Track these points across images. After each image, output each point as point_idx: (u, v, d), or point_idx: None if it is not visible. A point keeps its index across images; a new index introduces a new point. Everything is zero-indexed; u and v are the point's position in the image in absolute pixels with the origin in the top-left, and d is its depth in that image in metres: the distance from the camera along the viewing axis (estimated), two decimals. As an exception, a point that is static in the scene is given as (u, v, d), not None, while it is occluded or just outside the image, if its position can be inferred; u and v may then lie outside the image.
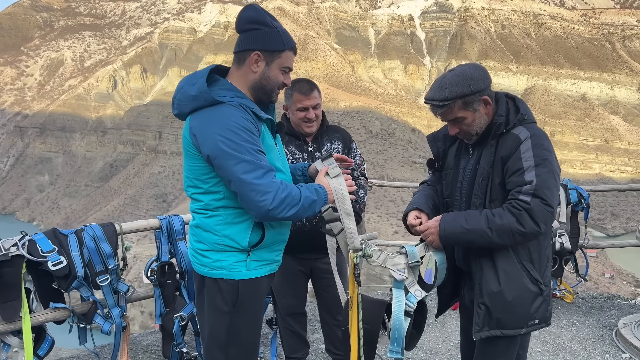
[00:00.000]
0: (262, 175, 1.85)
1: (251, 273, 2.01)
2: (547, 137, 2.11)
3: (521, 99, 2.24)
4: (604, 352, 3.91)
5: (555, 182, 2.06)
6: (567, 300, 4.82)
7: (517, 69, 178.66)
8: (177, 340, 3.04)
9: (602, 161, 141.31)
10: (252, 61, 1.96)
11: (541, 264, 2.14)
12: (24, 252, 2.63)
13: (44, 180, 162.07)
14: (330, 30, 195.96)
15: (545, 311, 2.18)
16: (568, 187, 4.55)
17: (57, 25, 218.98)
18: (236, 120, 1.86)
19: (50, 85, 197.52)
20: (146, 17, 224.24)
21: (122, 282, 2.96)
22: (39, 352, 2.78)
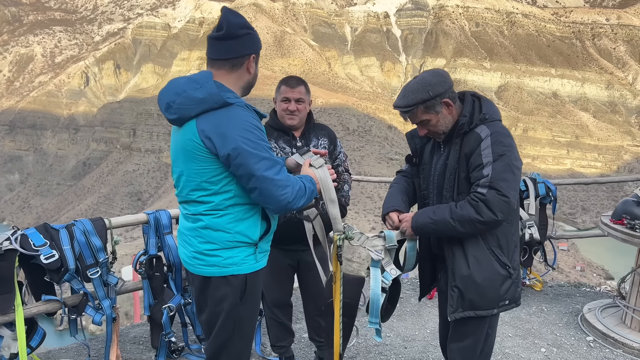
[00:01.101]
0: (280, 171, 1.98)
1: (257, 265, 2.13)
2: (508, 134, 2.28)
3: (487, 98, 2.40)
4: (569, 335, 4.15)
5: (513, 174, 2.20)
6: (537, 288, 5.06)
7: (491, 67, 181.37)
8: (166, 330, 3.15)
9: (573, 157, 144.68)
10: (250, 64, 2.08)
11: (509, 250, 2.33)
12: (16, 246, 2.70)
13: (14, 179, 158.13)
14: (307, 26, 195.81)
15: (515, 292, 2.37)
16: (537, 180, 4.77)
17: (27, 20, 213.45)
18: (249, 120, 1.95)
19: (20, 82, 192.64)
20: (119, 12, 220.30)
21: (112, 275, 3.05)
22: (31, 343, 2.87)
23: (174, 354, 3.42)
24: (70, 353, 3.47)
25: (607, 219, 4.10)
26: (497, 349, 3.86)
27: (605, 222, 4.07)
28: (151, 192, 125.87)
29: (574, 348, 3.93)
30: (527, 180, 4.79)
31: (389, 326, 4.21)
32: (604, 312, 4.33)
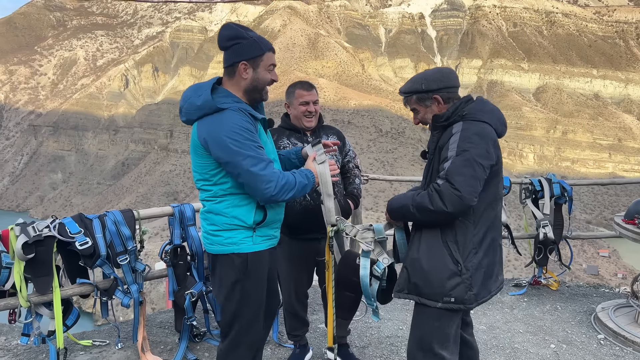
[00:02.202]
0: (265, 167, 2.24)
1: (256, 247, 2.41)
2: (481, 133, 2.32)
3: (484, 100, 2.50)
4: (581, 333, 4.21)
5: (472, 170, 2.25)
6: (553, 287, 5.11)
7: (528, 68, 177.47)
8: (188, 314, 3.40)
9: (615, 160, 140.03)
10: (241, 71, 2.34)
11: (465, 249, 2.36)
12: (55, 232, 2.99)
13: (57, 178, 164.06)
14: (341, 28, 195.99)
15: (464, 293, 2.35)
16: (552, 181, 4.84)
17: (70, 24, 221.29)
18: (238, 122, 2.24)
19: (64, 84, 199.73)
20: (158, 17, 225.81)
21: (139, 262, 3.33)
22: (67, 322, 3.16)
23: (196, 338, 3.68)
24: (102, 334, 3.77)
25: (620, 219, 4.14)
26: (506, 344, 3.97)
27: (617, 222, 4.12)
28: (187, 192, 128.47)
29: (584, 345, 3.99)
30: (542, 180, 4.86)
31: (402, 319, 4.36)
32: (618, 311, 4.37)
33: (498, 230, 2.51)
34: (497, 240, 2.51)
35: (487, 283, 2.45)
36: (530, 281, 5.11)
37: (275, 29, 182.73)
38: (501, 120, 2.45)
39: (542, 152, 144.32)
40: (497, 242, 2.51)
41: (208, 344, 3.68)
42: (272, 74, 2.42)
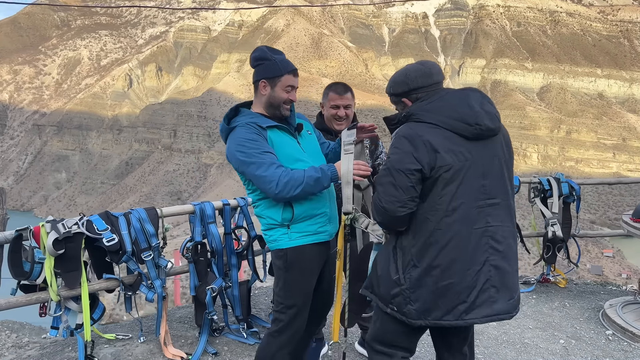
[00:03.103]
0: (267, 169, 2.46)
1: (294, 242, 2.61)
2: (410, 135, 2.14)
3: (443, 94, 2.26)
4: (589, 329, 4.30)
5: (390, 178, 2.14)
6: (561, 285, 5.21)
7: (532, 67, 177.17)
8: (209, 308, 3.51)
9: (619, 160, 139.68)
10: (261, 87, 2.65)
11: (404, 261, 2.21)
12: (83, 229, 3.11)
13: (61, 177, 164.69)
14: (344, 28, 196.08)
15: (403, 305, 2.21)
16: (560, 180, 4.93)
17: (74, 24, 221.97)
18: (242, 135, 2.54)
19: (68, 84, 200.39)
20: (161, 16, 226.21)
21: (162, 258, 3.44)
22: (94, 315, 3.28)
23: (215, 332, 3.79)
24: (125, 329, 3.89)
25: (628, 218, 4.24)
26: (516, 339, 4.06)
27: (625, 221, 4.21)
28: (190, 192, 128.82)
29: (593, 340, 4.09)
30: (550, 179, 4.95)
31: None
32: (625, 308, 4.46)
33: (472, 247, 2.14)
34: (467, 258, 2.14)
35: (447, 303, 2.16)
36: (539, 279, 5.21)
37: (279, 28, 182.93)
38: (455, 116, 2.14)
39: (546, 152, 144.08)
40: (469, 261, 2.14)
41: (227, 338, 3.78)
42: (291, 95, 2.65)
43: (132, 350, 3.51)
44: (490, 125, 2.16)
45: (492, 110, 2.20)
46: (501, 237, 2.19)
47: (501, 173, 2.20)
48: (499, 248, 2.18)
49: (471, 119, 2.13)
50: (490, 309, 2.18)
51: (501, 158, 2.21)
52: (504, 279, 2.21)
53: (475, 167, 2.13)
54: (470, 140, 2.14)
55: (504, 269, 2.20)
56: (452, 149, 2.11)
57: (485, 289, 2.16)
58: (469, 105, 2.16)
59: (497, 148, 2.20)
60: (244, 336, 3.77)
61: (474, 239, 2.14)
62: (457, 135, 2.12)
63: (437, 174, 2.10)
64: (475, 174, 2.13)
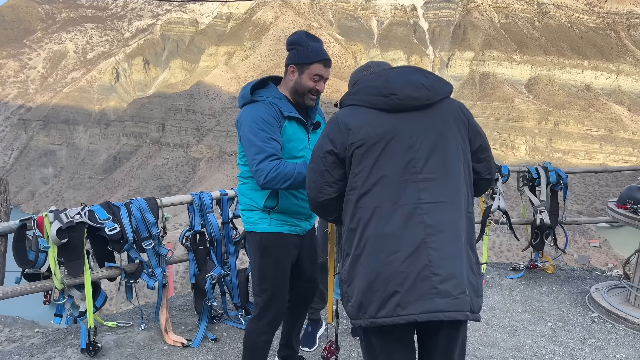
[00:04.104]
0: (263, 159, 2.44)
1: (272, 228, 2.63)
2: (330, 120, 2.06)
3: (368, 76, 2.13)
4: (576, 312, 4.45)
5: (311, 164, 2.06)
6: (549, 271, 5.36)
7: (520, 59, 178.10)
8: (208, 295, 3.61)
9: (606, 151, 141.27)
10: (289, 72, 2.62)
11: (342, 251, 2.03)
12: (85, 219, 3.18)
13: (48, 172, 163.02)
14: (333, 20, 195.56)
15: (346, 304, 1.96)
16: (548, 169, 5.07)
17: (59, 17, 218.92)
18: (260, 113, 2.51)
19: (53, 78, 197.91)
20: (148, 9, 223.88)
21: (163, 247, 3.52)
22: (96, 303, 3.36)
23: (214, 319, 3.88)
24: (125, 317, 3.97)
25: (613, 204, 4.38)
26: (506, 323, 4.20)
27: (610, 207, 4.36)
28: (179, 186, 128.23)
29: (579, 323, 4.24)
30: (539, 168, 5.09)
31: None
32: (611, 292, 4.62)
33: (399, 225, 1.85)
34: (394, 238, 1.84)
35: (378, 294, 1.83)
36: (528, 265, 5.36)
37: (267, 21, 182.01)
38: (371, 91, 1.99)
39: (533, 144, 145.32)
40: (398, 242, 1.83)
41: (226, 324, 3.88)
42: (318, 84, 2.59)
43: (134, 337, 3.59)
44: (413, 93, 1.93)
45: (419, 80, 1.97)
46: (441, 215, 1.87)
47: (443, 148, 1.93)
48: (439, 228, 1.85)
49: (386, 89, 1.95)
50: (431, 303, 1.79)
51: (444, 131, 1.95)
52: (452, 267, 1.83)
53: (399, 140, 1.91)
54: (392, 112, 1.95)
55: (451, 255, 1.84)
56: (366, 123, 1.94)
57: (425, 277, 1.79)
58: (386, 79, 1.99)
59: (436, 121, 1.96)
60: (242, 322, 3.86)
61: (400, 216, 1.85)
62: (376, 110, 1.96)
63: (349, 152, 1.95)
64: (400, 146, 1.91)
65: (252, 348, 2.73)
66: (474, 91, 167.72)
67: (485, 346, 3.80)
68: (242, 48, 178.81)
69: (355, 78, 2.27)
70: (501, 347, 3.80)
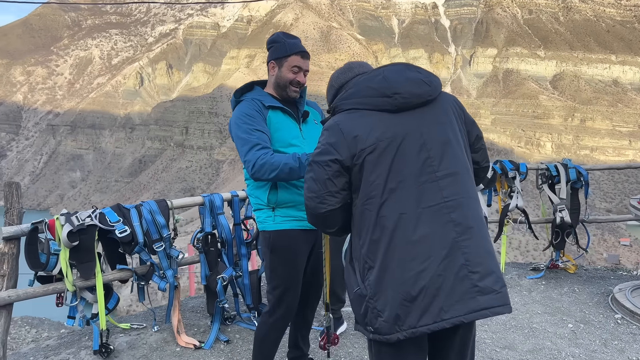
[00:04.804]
0: (249, 149, 2.52)
1: (277, 226, 2.65)
2: (329, 126, 1.94)
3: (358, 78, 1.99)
4: (598, 313, 4.31)
5: (311, 173, 1.94)
6: (570, 271, 5.21)
7: (545, 55, 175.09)
8: (220, 297, 3.59)
9: (635, 147, 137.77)
10: (270, 68, 2.73)
11: (360, 267, 1.89)
12: (96, 221, 3.20)
13: (76, 176, 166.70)
14: (353, 20, 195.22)
15: (374, 321, 1.82)
16: (568, 166, 4.93)
17: (85, 24, 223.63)
18: (243, 110, 2.62)
19: (80, 84, 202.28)
20: (170, 14, 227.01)
21: (174, 249, 3.53)
22: (108, 305, 3.38)
23: (227, 321, 3.87)
24: (139, 318, 3.99)
25: (636, 202, 4.24)
26: (524, 324, 4.10)
27: (633, 204, 4.22)
28: (203, 188, 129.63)
29: (601, 324, 4.10)
30: (558, 165, 4.96)
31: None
32: (635, 292, 4.46)
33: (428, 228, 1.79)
34: (425, 242, 1.78)
35: (418, 302, 1.75)
36: (548, 265, 5.22)
37: (288, 22, 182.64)
38: (371, 93, 1.90)
39: (560, 141, 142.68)
40: (430, 245, 1.77)
41: (238, 326, 3.87)
42: (298, 76, 2.67)
43: (147, 339, 3.61)
44: (416, 90, 1.88)
45: (417, 76, 1.92)
46: (466, 211, 1.83)
47: (451, 142, 1.90)
48: (466, 225, 1.81)
49: (388, 89, 1.88)
50: (475, 302, 1.76)
51: (448, 125, 1.92)
52: (489, 262, 1.81)
53: (410, 140, 1.84)
54: (398, 112, 1.88)
55: (484, 250, 1.82)
56: (373, 127, 1.85)
57: (463, 277, 1.76)
58: (383, 77, 1.91)
59: (440, 116, 1.92)
60: (255, 324, 3.84)
61: (427, 218, 1.79)
62: (379, 112, 1.88)
63: (360, 159, 1.84)
64: (413, 146, 1.84)
65: (262, 342, 2.77)
66: (497, 88, 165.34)
67: (502, 348, 3.70)
68: (264, 50, 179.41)
69: (339, 81, 2.11)
70: (519, 349, 3.70)
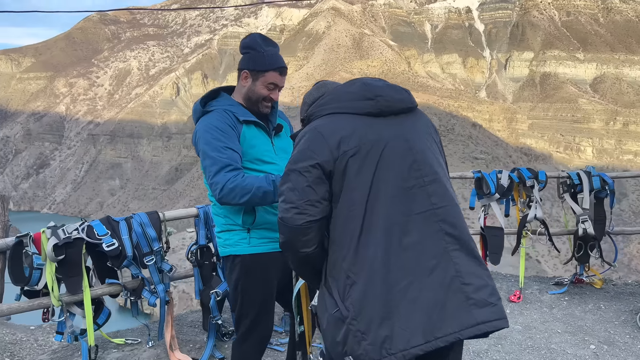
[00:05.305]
0: (218, 170, 2.26)
1: (253, 249, 2.41)
2: (309, 130, 1.80)
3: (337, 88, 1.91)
4: (624, 333, 3.99)
5: (287, 183, 1.75)
6: (596, 286, 4.87)
7: (584, 57, 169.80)
8: (213, 313, 3.46)
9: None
10: (242, 78, 2.45)
11: (340, 282, 1.66)
12: (83, 235, 3.13)
13: (115, 184, 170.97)
14: (385, 27, 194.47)
15: (357, 346, 1.58)
16: (591, 174, 4.61)
17: (124, 36, 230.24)
18: (213, 122, 2.34)
19: (119, 94, 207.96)
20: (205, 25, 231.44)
21: (165, 263, 3.43)
22: (98, 320, 3.30)
23: (224, 337, 3.74)
24: (135, 333, 3.91)
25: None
26: (542, 344, 3.81)
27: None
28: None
29: (627, 346, 3.78)
30: (580, 173, 4.65)
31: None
32: (666, 310, 4.11)
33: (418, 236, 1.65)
34: (416, 251, 1.63)
35: (408, 319, 1.57)
36: (572, 279, 4.90)
37: (320, 31, 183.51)
38: (352, 97, 1.80)
39: (601, 146, 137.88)
40: (420, 255, 1.63)
41: (236, 342, 3.73)
42: (273, 93, 2.43)
43: (140, 355, 3.51)
44: (397, 95, 1.81)
45: (395, 86, 1.86)
46: (454, 219, 1.71)
47: (431, 149, 1.82)
48: (455, 234, 1.68)
49: (370, 93, 1.79)
50: (470, 316, 1.59)
51: (429, 136, 1.85)
52: (481, 274, 1.68)
53: (395, 143, 1.74)
54: (379, 117, 1.77)
55: (475, 261, 1.69)
56: (356, 129, 1.73)
57: (456, 289, 1.61)
58: (363, 83, 1.84)
59: (421, 125, 1.84)
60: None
61: (417, 226, 1.65)
62: (360, 116, 1.77)
63: (343, 162, 1.70)
64: (398, 149, 1.73)
65: None
66: (534, 92, 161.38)
67: (514, 371, 3.45)
68: (296, 59, 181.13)
69: (312, 97, 2.06)
70: (532, 373, 3.44)
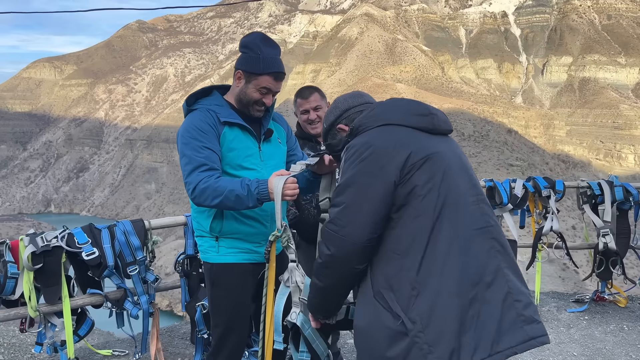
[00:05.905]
0: (192, 169, 2.22)
1: (221, 258, 2.35)
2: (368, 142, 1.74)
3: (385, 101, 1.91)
4: (648, 359, 3.65)
5: (345, 196, 1.70)
6: (620, 304, 4.51)
7: (626, 62, 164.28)
8: (198, 327, 3.32)
9: None
10: (236, 78, 2.39)
11: (402, 293, 1.63)
12: (62, 243, 3.03)
13: (151, 188, 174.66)
14: (419, 32, 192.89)
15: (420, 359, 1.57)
16: (614, 184, 4.27)
17: (161, 44, 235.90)
18: (194, 122, 2.29)
19: (156, 100, 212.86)
20: (240, 32, 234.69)
21: (150, 273, 3.30)
22: (80, 332, 3.19)
23: (214, 350, 3.59)
24: (124, 344, 3.79)
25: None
26: (554, 369, 3.52)
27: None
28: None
29: (650, 374, 3.45)
30: (602, 183, 4.31)
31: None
32: (696, 335, 3.75)
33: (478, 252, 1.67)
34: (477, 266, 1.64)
35: (471, 332, 1.58)
36: (593, 297, 4.55)
37: (353, 37, 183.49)
38: (408, 110, 1.80)
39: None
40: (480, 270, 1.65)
41: (226, 357, 3.57)
42: (266, 97, 2.35)
43: (124, 367, 3.39)
44: (442, 116, 1.86)
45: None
46: (503, 239, 1.76)
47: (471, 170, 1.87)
48: (505, 253, 1.73)
49: (423, 109, 1.82)
50: (523, 332, 1.64)
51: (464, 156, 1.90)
52: (524, 293, 1.72)
53: (453, 159, 1.77)
54: (432, 134, 1.79)
55: (519, 280, 1.73)
56: (419, 142, 1.73)
57: (509, 306, 1.65)
58: (409, 100, 1.88)
59: (457, 145, 1.90)
60: (245, 355, 3.53)
61: (477, 241, 1.68)
62: (416, 129, 1.76)
63: (410, 174, 1.67)
64: (455, 165, 1.76)
65: None
66: (573, 98, 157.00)
67: (520, 399, 3.17)
68: (328, 65, 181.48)
69: (347, 104, 2.02)
70: (540, 401, 3.15)
